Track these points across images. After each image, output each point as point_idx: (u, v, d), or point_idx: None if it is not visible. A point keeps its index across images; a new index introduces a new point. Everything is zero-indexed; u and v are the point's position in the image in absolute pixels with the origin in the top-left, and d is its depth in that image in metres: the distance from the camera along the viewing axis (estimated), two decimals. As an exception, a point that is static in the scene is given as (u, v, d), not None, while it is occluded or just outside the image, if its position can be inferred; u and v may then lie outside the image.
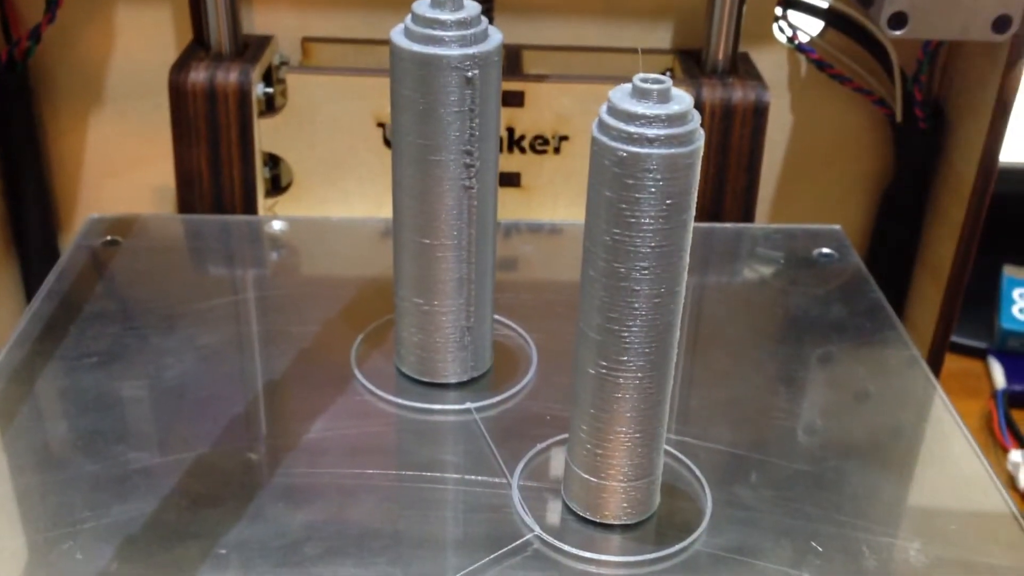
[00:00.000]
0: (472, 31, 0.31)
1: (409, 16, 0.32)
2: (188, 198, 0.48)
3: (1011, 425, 0.55)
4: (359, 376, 0.37)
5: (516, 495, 0.32)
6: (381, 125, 0.48)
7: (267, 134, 0.48)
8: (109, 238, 0.44)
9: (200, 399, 0.36)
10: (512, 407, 0.36)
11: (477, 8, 0.32)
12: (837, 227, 0.48)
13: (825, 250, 0.46)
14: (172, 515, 0.30)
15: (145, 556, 0.29)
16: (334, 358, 0.38)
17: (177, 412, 0.35)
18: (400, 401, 0.36)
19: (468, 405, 0.35)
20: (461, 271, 0.34)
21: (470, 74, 0.31)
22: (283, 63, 0.50)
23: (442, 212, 0.33)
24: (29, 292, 0.54)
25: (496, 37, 0.32)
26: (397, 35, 0.32)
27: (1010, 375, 0.59)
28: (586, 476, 0.30)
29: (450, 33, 0.31)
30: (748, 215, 0.50)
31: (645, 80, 0.26)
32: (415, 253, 0.34)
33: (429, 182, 0.33)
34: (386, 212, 0.49)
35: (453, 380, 0.36)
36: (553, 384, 0.37)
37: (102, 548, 0.29)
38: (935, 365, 0.51)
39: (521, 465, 0.33)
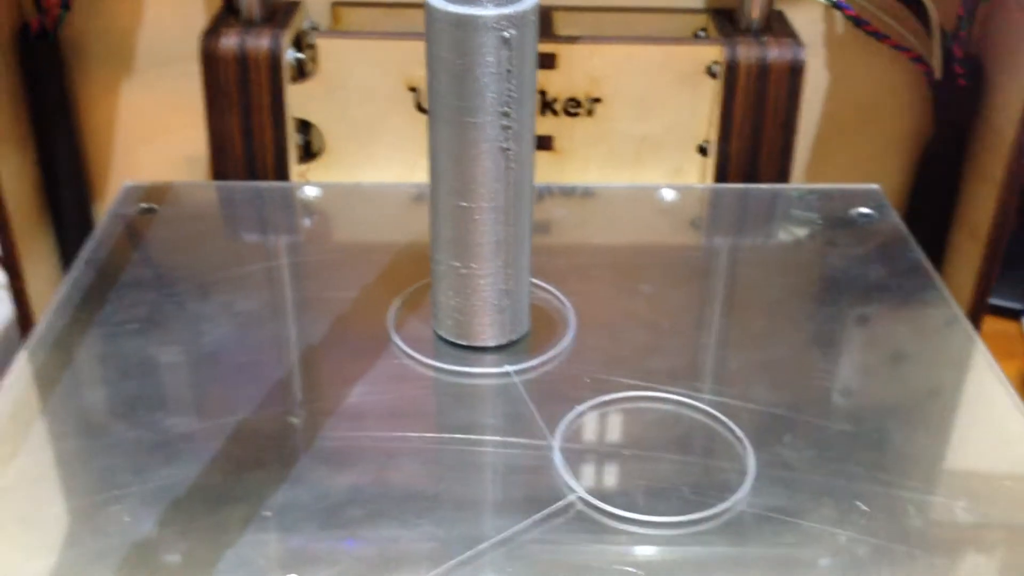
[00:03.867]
0: (508, -11, 0.31)
1: (445, -25, 0.31)
2: (221, 165, 0.48)
3: (1050, 386, 0.55)
4: (397, 340, 0.37)
5: (557, 457, 0.32)
6: (413, 89, 0.48)
7: (298, 100, 0.48)
8: (144, 206, 0.44)
9: (239, 364, 0.36)
10: (551, 370, 0.36)
11: (513, -34, 0.31)
12: (875, 187, 0.47)
13: (863, 210, 0.46)
14: (216, 479, 0.31)
15: (189, 519, 0.29)
16: (371, 323, 0.38)
17: (216, 377, 0.35)
18: (438, 364, 0.36)
19: (507, 368, 0.35)
20: (498, 234, 0.34)
21: (507, 34, 0.31)
22: (313, 28, 0.50)
23: (479, 174, 0.33)
24: (64, 259, 0.54)
25: (532, -3, 0.32)
26: (431, -5, 0.32)
27: (1049, 336, 0.58)
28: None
29: (486, -8, 0.31)
30: (784, 175, 0.50)
31: None
32: (452, 216, 0.34)
33: (466, 144, 0.33)
34: (418, 177, 0.49)
35: (491, 343, 0.36)
36: (591, 347, 0.37)
37: (148, 511, 0.29)
38: (974, 326, 0.51)
39: (562, 427, 0.33)
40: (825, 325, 0.39)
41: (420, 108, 0.48)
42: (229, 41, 0.46)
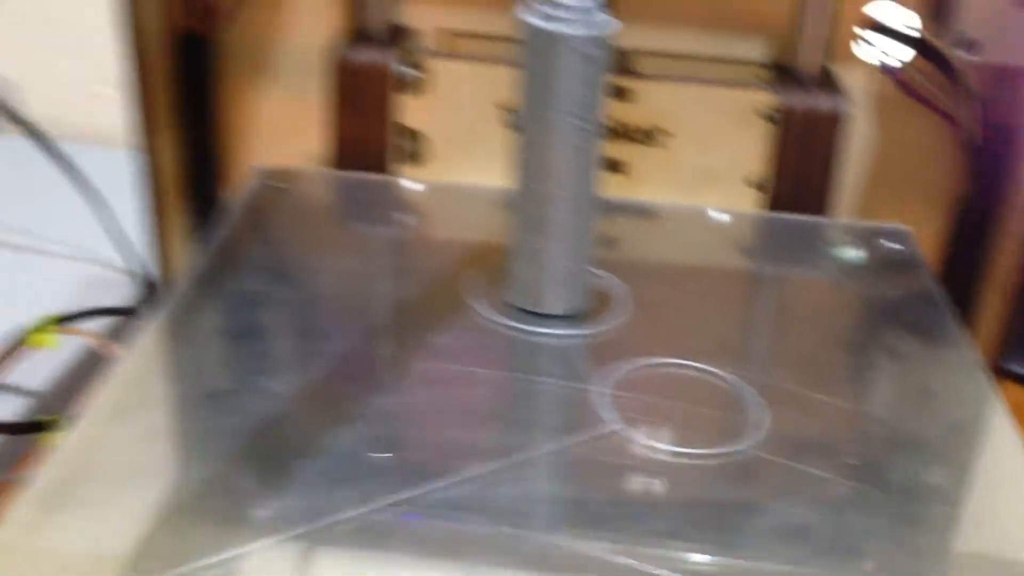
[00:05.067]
0: (589, 14, 0.39)
1: (535, -1, 0.39)
2: (341, 164, 0.56)
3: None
4: (475, 307, 0.44)
5: (602, 398, 0.38)
6: (509, 110, 0.55)
7: (411, 112, 0.56)
8: (271, 184, 0.52)
9: (345, 317, 0.43)
10: (606, 337, 0.43)
11: (594, -1, 0.39)
12: (906, 227, 0.54)
13: (895, 246, 0.52)
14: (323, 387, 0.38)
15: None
16: (457, 293, 0.45)
17: (326, 348, 0.41)
18: (511, 325, 0.43)
19: (571, 331, 0.42)
20: (567, 214, 0.41)
21: (586, 51, 0.39)
22: (427, 49, 0.58)
23: (554, 163, 0.41)
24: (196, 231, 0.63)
25: (609, 20, 0.39)
26: (523, 12, 0.39)
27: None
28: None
29: (570, 15, 0.39)
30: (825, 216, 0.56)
31: None
32: (530, 198, 0.42)
33: (546, 137, 0.40)
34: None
35: (559, 311, 0.43)
36: (649, 321, 0.43)
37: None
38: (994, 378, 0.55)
39: (610, 376, 0.40)
40: (850, 359, 0.44)
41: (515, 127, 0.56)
42: (357, 56, 0.54)
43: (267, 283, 0.45)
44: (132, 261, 0.74)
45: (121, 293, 0.75)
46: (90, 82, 0.99)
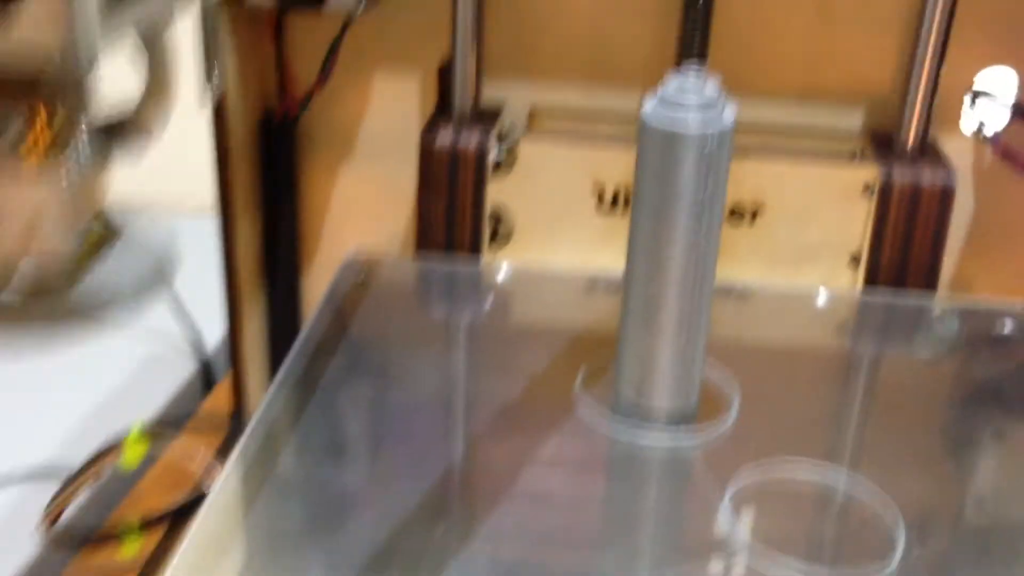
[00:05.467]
0: (711, 111, 0.37)
1: (658, 95, 0.38)
2: (425, 245, 0.55)
3: None
4: (580, 406, 0.42)
5: (726, 513, 0.36)
6: (596, 189, 0.54)
7: (496, 191, 0.54)
8: (358, 275, 0.51)
9: (447, 420, 0.42)
10: (716, 439, 0.41)
11: (717, 90, 0.37)
12: (1020, 305, 0.51)
13: (1007, 327, 0.50)
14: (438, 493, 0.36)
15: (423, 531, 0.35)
16: (558, 390, 0.43)
17: (426, 430, 0.41)
18: (616, 429, 0.41)
19: (683, 438, 0.40)
20: (683, 312, 0.40)
21: (707, 148, 0.37)
22: (512, 129, 0.57)
23: (672, 259, 0.39)
24: (272, 324, 0.62)
25: (730, 116, 0.38)
26: (647, 111, 0.38)
27: None
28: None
29: (692, 114, 0.37)
30: (930, 294, 0.54)
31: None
32: (644, 293, 0.40)
33: (664, 232, 0.38)
34: (595, 267, 0.56)
35: (666, 406, 0.41)
36: (756, 424, 0.42)
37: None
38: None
39: (729, 494, 0.37)
40: (960, 438, 0.43)
41: (601, 206, 0.54)
42: (444, 139, 0.53)
43: (359, 388, 0.43)
44: (197, 339, 0.73)
45: (184, 372, 0.74)
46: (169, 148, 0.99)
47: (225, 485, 0.36)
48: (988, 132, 0.55)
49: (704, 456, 0.40)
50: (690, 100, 0.37)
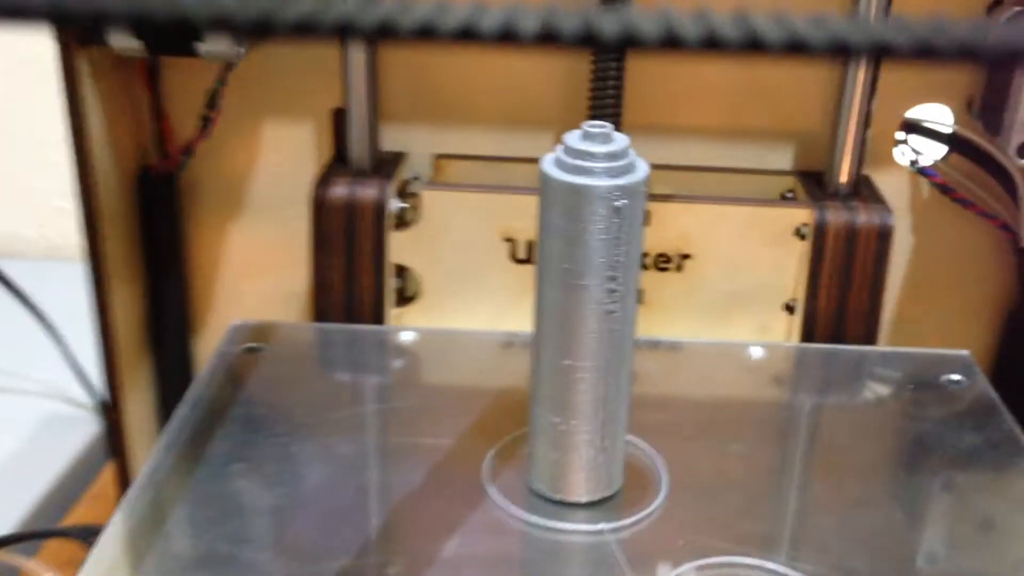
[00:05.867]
0: (621, 163, 0.33)
1: (560, 147, 0.33)
2: (322, 305, 0.50)
3: None
4: (491, 492, 0.37)
5: (654, 621, 0.32)
6: (508, 240, 0.49)
7: (398, 247, 0.50)
8: (250, 345, 0.46)
9: (341, 508, 0.37)
10: (644, 529, 0.36)
11: (626, 141, 0.33)
12: (965, 352, 0.48)
13: (953, 376, 0.46)
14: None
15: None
16: (466, 472, 0.39)
17: (320, 522, 0.36)
18: (532, 519, 0.36)
19: (601, 526, 0.36)
20: (599, 392, 0.35)
21: (618, 204, 0.33)
22: (415, 178, 0.52)
23: (584, 335, 0.34)
24: (161, 390, 0.56)
25: (643, 168, 0.33)
26: (548, 165, 0.33)
27: None
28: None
29: (600, 165, 0.32)
30: (871, 337, 0.50)
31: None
32: (555, 373, 0.35)
33: (573, 305, 0.34)
34: (509, 324, 0.51)
35: (584, 499, 0.37)
36: (685, 506, 0.37)
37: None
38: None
39: (657, 589, 0.33)
40: (909, 491, 0.39)
41: (514, 258, 0.50)
42: (339, 190, 0.48)
43: (247, 472, 0.38)
44: (93, 394, 0.68)
45: (85, 434, 0.68)
46: (49, 194, 0.94)
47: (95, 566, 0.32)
48: (924, 164, 0.52)
49: (631, 548, 0.35)
50: (597, 150, 0.33)
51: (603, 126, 0.33)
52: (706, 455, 0.41)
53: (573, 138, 0.33)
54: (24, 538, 0.39)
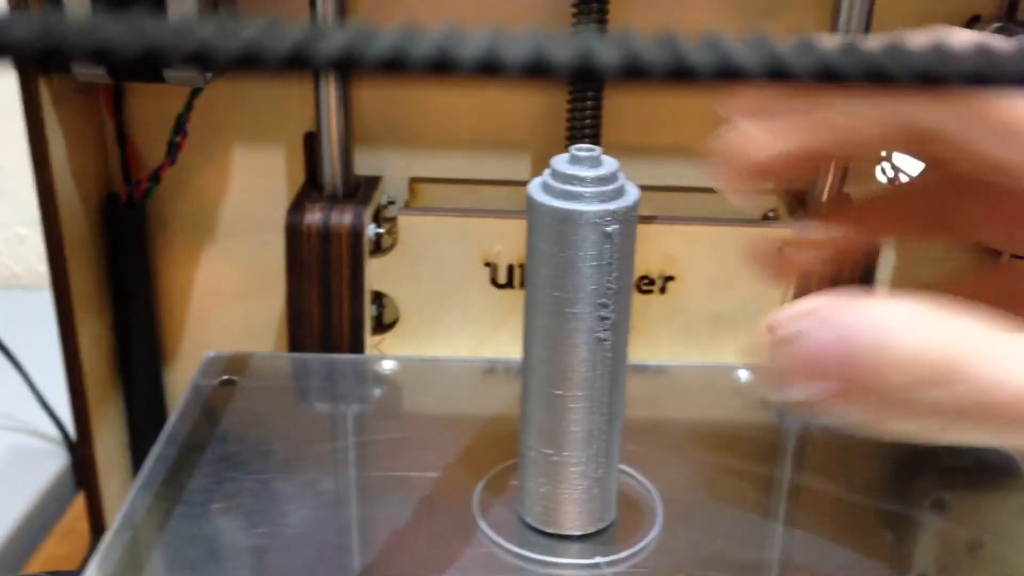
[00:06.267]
0: (611, 187, 0.32)
1: (548, 171, 0.32)
2: (298, 335, 0.48)
3: None
4: (482, 526, 0.36)
5: (656, 660, 0.31)
6: (488, 264, 0.48)
7: (376, 273, 0.48)
8: (225, 378, 0.44)
9: (326, 547, 0.35)
10: (641, 561, 0.35)
11: (615, 165, 0.32)
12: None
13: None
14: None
15: None
16: (455, 506, 0.37)
17: (304, 562, 0.35)
18: (525, 553, 0.35)
19: (598, 559, 0.35)
20: (592, 422, 0.34)
21: (609, 229, 0.32)
22: (390, 203, 0.51)
23: (575, 363, 0.33)
24: (132, 423, 0.54)
25: (633, 193, 0.32)
26: (535, 189, 0.32)
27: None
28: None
29: (589, 189, 0.31)
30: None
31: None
32: (545, 403, 0.34)
33: (563, 333, 0.33)
34: (490, 350, 0.50)
35: (578, 532, 0.36)
36: (681, 536, 0.36)
37: None
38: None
39: (658, 627, 0.32)
40: (898, 509, 0.39)
41: (495, 283, 0.49)
42: (314, 216, 0.47)
43: (228, 506, 0.37)
44: (61, 427, 0.66)
45: (52, 467, 0.66)
46: (11, 223, 0.92)
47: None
48: (903, 181, 0.51)
49: (626, 582, 0.34)
50: (586, 174, 0.32)
51: (591, 149, 0.32)
52: (698, 481, 0.40)
53: (561, 162, 0.32)
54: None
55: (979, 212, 0.28)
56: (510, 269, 0.48)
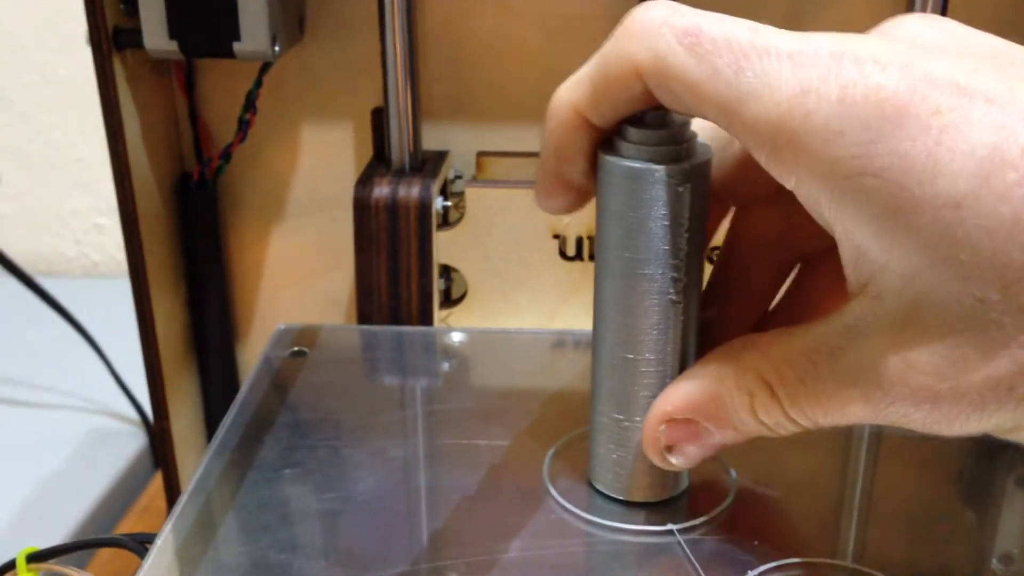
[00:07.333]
0: (682, 145, 0.31)
1: (618, 131, 0.32)
2: (367, 308, 0.48)
3: None
4: (553, 492, 0.36)
5: (731, 625, 0.30)
6: (556, 236, 0.48)
7: (443, 246, 0.48)
8: (296, 349, 0.45)
9: (396, 513, 0.35)
10: (714, 530, 0.35)
11: (687, 122, 0.32)
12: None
13: None
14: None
15: None
16: (524, 474, 0.37)
17: (374, 527, 0.35)
18: (597, 520, 0.35)
19: (670, 526, 0.34)
20: (663, 386, 0.34)
21: (681, 188, 0.31)
22: (457, 177, 0.51)
23: (647, 327, 0.33)
24: (206, 399, 0.55)
25: (705, 151, 0.32)
26: (606, 149, 0.32)
27: None
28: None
29: (660, 148, 0.31)
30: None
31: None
32: (616, 368, 0.34)
33: (635, 296, 0.32)
34: (558, 323, 0.50)
35: (651, 499, 0.35)
36: (755, 507, 0.36)
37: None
38: None
39: (733, 592, 0.31)
40: (978, 487, 0.37)
41: (563, 255, 0.48)
42: (381, 191, 0.47)
43: (299, 472, 0.37)
44: (138, 407, 0.68)
45: (131, 447, 0.68)
46: (89, 212, 0.94)
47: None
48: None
49: (701, 549, 0.33)
50: (657, 132, 0.31)
51: (661, 108, 0.32)
52: (771, 451, 0.39)
53: (631, 121, 0.32)
54: (75, 548, 0.38)
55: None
56: (579, 241, 0.48)
